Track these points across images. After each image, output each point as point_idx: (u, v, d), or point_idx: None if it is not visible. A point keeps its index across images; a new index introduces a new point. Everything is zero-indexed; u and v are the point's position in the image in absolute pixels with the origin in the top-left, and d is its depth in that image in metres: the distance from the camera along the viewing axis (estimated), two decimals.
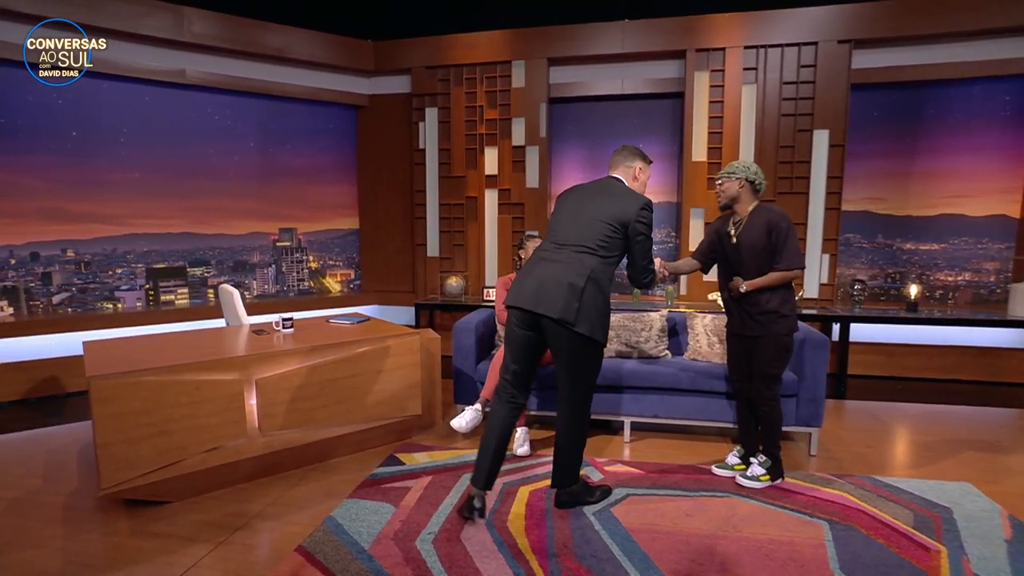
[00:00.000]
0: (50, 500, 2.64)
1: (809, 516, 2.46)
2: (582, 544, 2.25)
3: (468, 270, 5.68)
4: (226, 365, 2.59)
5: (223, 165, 5.21)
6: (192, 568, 2.11)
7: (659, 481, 2.82)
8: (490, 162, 5.57)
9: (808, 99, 4.82)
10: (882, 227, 5.02)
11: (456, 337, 3.48)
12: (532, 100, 5.41)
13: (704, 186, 5.14)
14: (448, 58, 5.51)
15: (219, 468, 2.63)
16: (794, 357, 3.14)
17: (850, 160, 4.92)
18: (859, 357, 4.93)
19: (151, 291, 5.03)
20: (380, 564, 2.11)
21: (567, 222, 2.45)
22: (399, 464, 2.99)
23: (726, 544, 2.25)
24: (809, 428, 3.13)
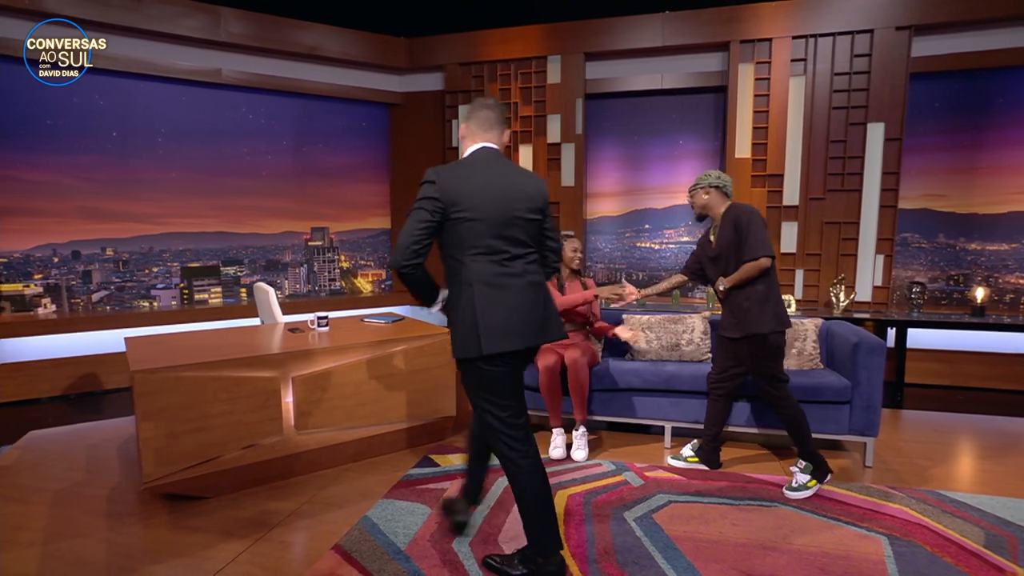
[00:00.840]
0: (93, 493, 2.76)
1: (866, 530, 2.41)
2: (623, 551, 2.25)
3: None
4: (263, 362, 2.67)
5: (257, 164, 5.38)
6: (231, 563, 2.19)
7: (702, 488, 2.79)
8: (524, 160, 5.61)
9: (862, 90, 4.71)
10: (944, 226, 4.86)
11: None
12: (568, 96, 5.43)
13: (748, 184, 5.07)
14: (482, 54, 5.57)
15: (256, 465, 2.71)
16: (848, 361, 3.07)
17: (907, 154, 4.78)
18: (917, 365, 4.78)
19: (185, 290, 5.21)
20: (417, 565, 2.15)
21: (504, 223, 1.91)
22: (433, 465, 3.03)
23: (776, 556, 2.22)
24: (864, 438, 3.05)
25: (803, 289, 5.02)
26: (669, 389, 3.27)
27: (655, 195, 5.63)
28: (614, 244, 5.70)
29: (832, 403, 3.04)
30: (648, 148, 5.58)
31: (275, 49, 5.20)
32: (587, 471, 2.98)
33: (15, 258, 4.50)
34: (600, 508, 2.59)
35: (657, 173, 5.58)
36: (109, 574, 2.13)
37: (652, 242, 5.69)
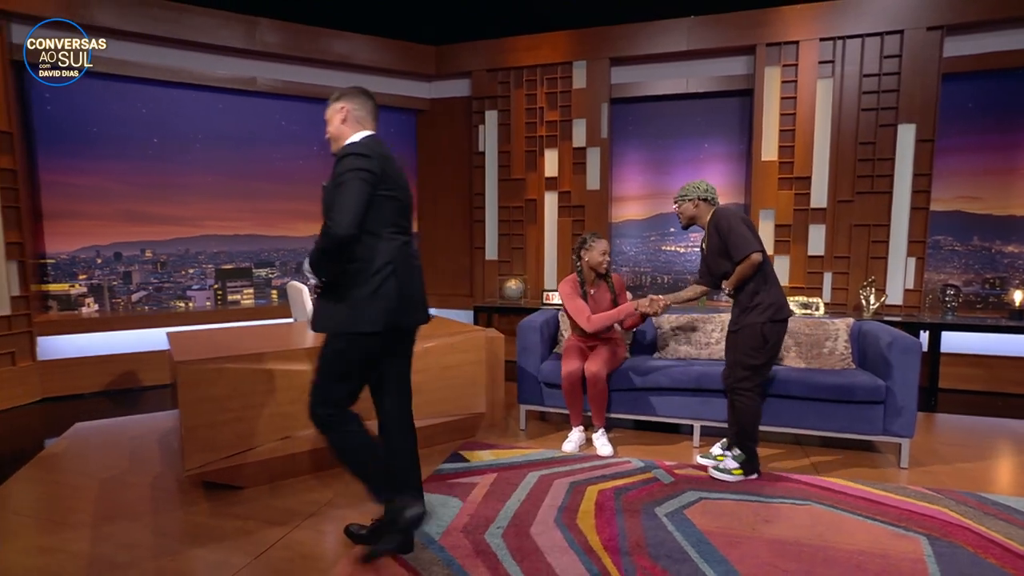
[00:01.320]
0: (136, 481, 2.84)
1: (904, 530, 2.36)
2: (655, 544, 2.24)
3: (527, 273, 5.75)
4: (300, 356, 2.73)
5: (288, 169, 5.50)
6: (270, 548, 2.23)
7: (732, 486, 2.77)
8: (550, 164, 5.64)
9: (892, 92, 4.65)
10: (978, 228, 4.76)
11: (521, 336, 3.54)
12: (593, 101, 5.46)
13: (775, 186, 5.03)
14: (508, 61, 5.63)
15: (291, 457, 2.77)
16: (881, 361, 3.03)
17: (940, 156, 4.70)
18: (952, 369, 4.67)
19: (219, 291, 5.34)
20: (451, 555, 2.17)
21: (408, 206, 2.08)
22: (464, 461, 3.06)
23: (811, 552, 2.19)
24: (899, 439, 3.00)
25: (831, 292, 4.95)
26: (699, 388, 3.25)
27: None
28: (639, 247, 5.69)
29: (865, 403, 2.99)
30: (673, 152, 5.57)
31: (308, 57, 5.33)
32: (616, 468, 2.98)
33: (62, 259, 4.66)
34: (630, 503, 2.58)
35: (682, 176, 5.55)
36: (156, 555, 2.19)
37: (677, 245, 5.66)
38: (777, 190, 5.03)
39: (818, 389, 3.04)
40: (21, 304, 4.27)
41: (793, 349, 3.34)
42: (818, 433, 3.13)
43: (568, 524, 2.40)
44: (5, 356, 4.17)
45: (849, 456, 3.16)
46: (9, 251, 4.19)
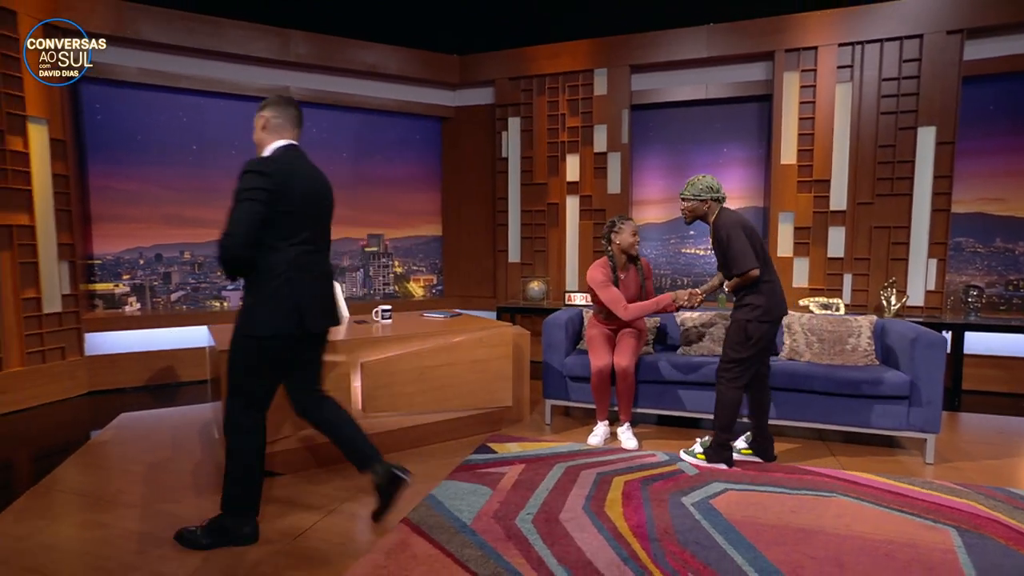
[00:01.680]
0: (179, 467, 2.91)
1: (932, 522, 2.32)
2: (684, 531, 2.23)
3: (548, 275, 5.77)
4: (335, 347, 2.78)
5: None
6: (308, 531, 2.27)
7: (757, 479, 2.74)
8: (571, 169, 5.67)
9: (912, 95, 4.61)
10: (1001, 230, 4.67)
11: (547, 332, 3.56)
12: (614, 107, 5.48)
13: (794, 189, 5.00)
14: (531, 69, 5.69)
15: (327, 445, 2.79)
16: (906, 357, 2.99)
17: (961, 158, 4.63)
18: (974, 371, 4.58)
19: None
20: (483, 538, 2.18)
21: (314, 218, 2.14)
22: (491, 452, 3.07)
23: (839, 541, 2.17)
24: (924, 434, 2.95)
25: (851, 294, 4.89)
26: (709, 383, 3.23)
27: None
28: (660, 250, 5.68)
29: (890, 398, 2.95)
30: (693, 156, 5.56)
31: (338, 67, 5.44)
32: (642, 460, 2.97)
33: (107, 260, 4.79)
34: (657, 493, 2.58)
35: None
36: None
37: (697, 248, 5.64)
38: (796, 193, 5.00)
39: (842, 384, 3.01)
40: (71, 302, 4.40)
41: (816, 346, 3.31)
42: (842, 428, 3.10)
43: (596, 512, 2.40)
44: (55, 351, 4.29)
45: (873, 452, 3.12)
46: (61, 252, 4.32)
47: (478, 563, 2.02)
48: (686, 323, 3.65)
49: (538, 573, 1.96)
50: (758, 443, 2.96)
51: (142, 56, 4.74)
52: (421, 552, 2.09)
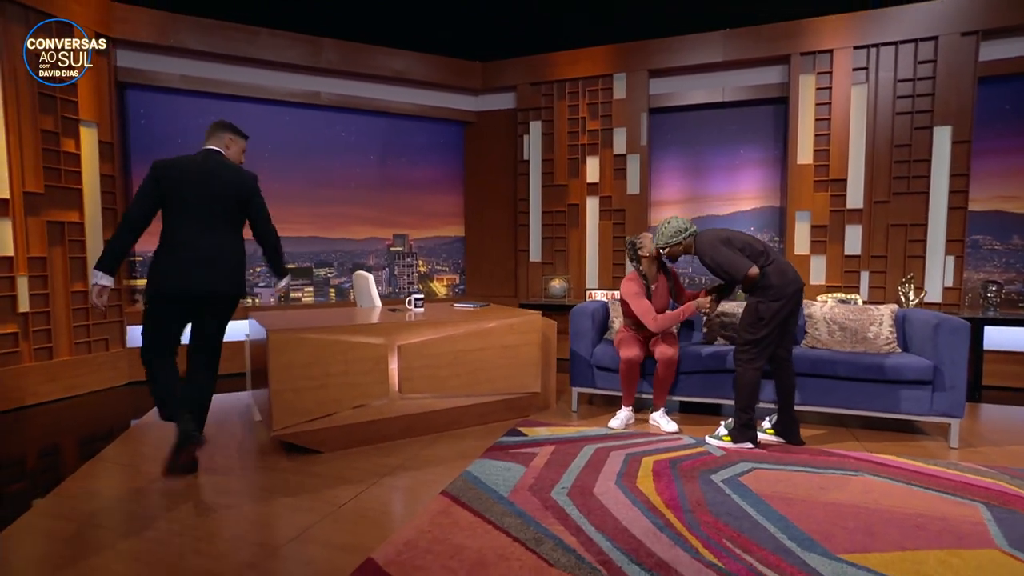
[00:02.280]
0: (223, 444, 3.00)
1: (960, 498, 2.34)
2: (715, 504, 2.27)
3: (569, 274, 5.83)
4: (374, 330, 2.86)
5: (347, 176, 5.72)
6: (351, 500, 2.33)
7: (784, 459, 2.77)
8: (592, 171, 5.74)
9: (927, 95, 4.64)
10: (1018, 227, 4.66)
11: (574, 321, 3.61)
12: (633, 110, 5.56)
13: (811, 189, 5.03)
14: (551, 74, 5.79)
15: (364, 425, 2.88)
16: (928, 344, 3.01)
17: (977, 157, 4.64)
18: (994, 367, 4.55)
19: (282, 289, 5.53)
20: (521, 508, 2.23)
21: (200, 205, 2.60)
22: (522, 435, 3.13)
23: (868, 514, 2.19)
24: (948, 419, 2.96)
25: (869, 291, 4.90)
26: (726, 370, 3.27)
27: (717, 202, 5.64)
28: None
29: (914, 383, 2.97)
30: (710, 158, 5.62)
31: (366, 73, 5.58)
32: (669, 443, 3.01)
33: (148, 257, 4.93)
34: (686, 471, 2.61)
35: (719, 181, 5.60)
36: (251, 500, 2.32)
37: None
38: (813, 192, 5.03)
39: (866, 370, 3.03)
40: (114, 296, 4.53)
41: (838, 334, 3.34)
42: (865, 414, 3.11)
43: (629, 487, 2.44)
44: (99, 342, 4.42)
45: (896, 437, 3.13)
46: None
47: (518, 529, 2.07)
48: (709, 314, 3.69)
49: (577, 539, 2.00)
50: (783, 425, 2.99)
51: (183, 63, 4.91)
52: (463, 519, 2.15)
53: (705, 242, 2.94)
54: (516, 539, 2.00)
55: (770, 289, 2.82)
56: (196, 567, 1.86)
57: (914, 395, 2.97)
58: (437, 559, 1.87)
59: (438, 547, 1.94)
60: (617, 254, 5.71)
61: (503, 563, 1.85)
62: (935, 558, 1.88)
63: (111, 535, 2.07)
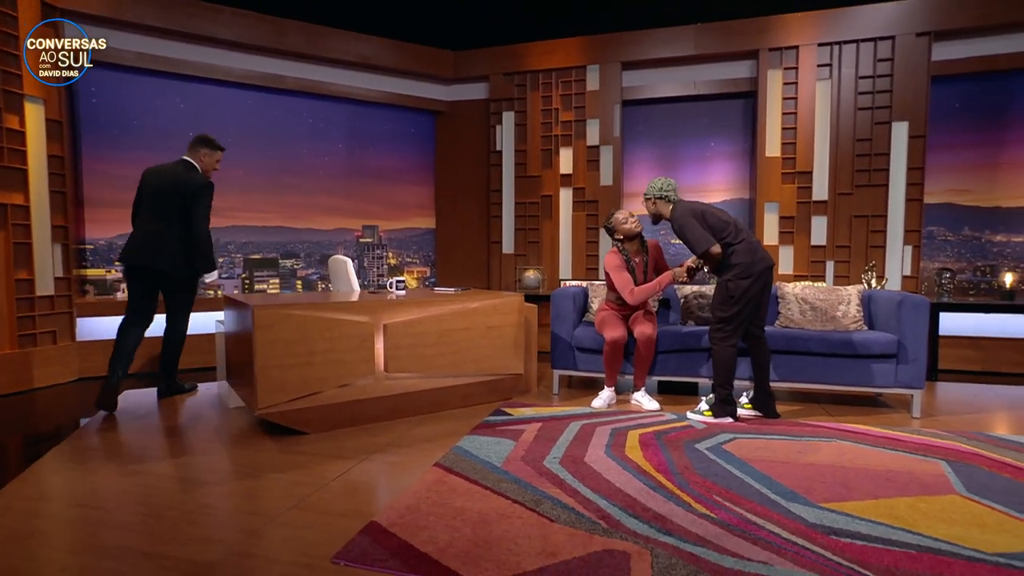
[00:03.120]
0: (200, 428, 3.01)
1: (924, 456, 2.60)
2: (702, 467, 2.45)
3: (543, 265, 5.99)
4: (359, 308, 2.94)
5: (314, 165, 5.73)
6: (343, 475, 2.41)
7: (762, 430, 3.00)
8: (565, 162, 5.93)
9: (886, 92, 5.03)
10: (968, 219, 5.10)
11: (555, 304, 3.77)
12: (606, 102, 5.79)
13: (779, 181, 5.35)
14: (524, 65, 5.96)
15: (349, 404, 2.95)
16: (892, 318, 3.29)
17: (932, 152, 5.06)
18: (950, 351, 4.94)
19: (247, 279, 5.50)
20: (516, 475, 2.36)
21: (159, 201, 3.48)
22: (507, 415, 3.25)
23: (843, 472, 2.41)
24: (911, 390, 3.25)
25: (834, 279, 5.25)
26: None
27: (689, 194, 5.86)
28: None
29: (879, 357, 3.25)
30: (681, 150, 5.90)
31: (332, 58, 5.61)
32: (652, 418, 3.19)
33: (100, 245, 4.82)
34: (672, 442, 2.79)
35: (690, 173, 5.88)
36: (239, 476, 2.37)
37: None
38: (781, 184, 5.35)
39: (836, 345, 3.30)
40: (63, 286, 4.42)
41: (809, 313, 3.60)
42: (835, 388, 3.38)
43: (618, 456, 2.60)
44: (47, 335, 4.30)
45: (864, 411, 3.41)
46: (54, 234, 4.35)
47: (516, 493, 2.19)
48: (687, 297, 3.91)
49: (575, 499, 2.14)
50: (760, 399, 3.22)
51: (140, 40, 4.84)
52: (459, 486, 2.26)
53: (679, 212, 3.17)
54: (515, 501, 2.12)
55: (738, 267, 3.05)
56: (193, 535, 1.91)
57: (880, 369, 3.25)
58: (440, 519, 1.97)
59: (439, 510, 2.05)
60: (591, 245, 5.91)
61: (505, 521, 1.96)
62: (904, 503, 2.11)
63: (98, 512, 2.08)
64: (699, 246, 3.06)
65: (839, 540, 1.83)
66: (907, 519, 1.98)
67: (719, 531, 1.89)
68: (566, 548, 1.78)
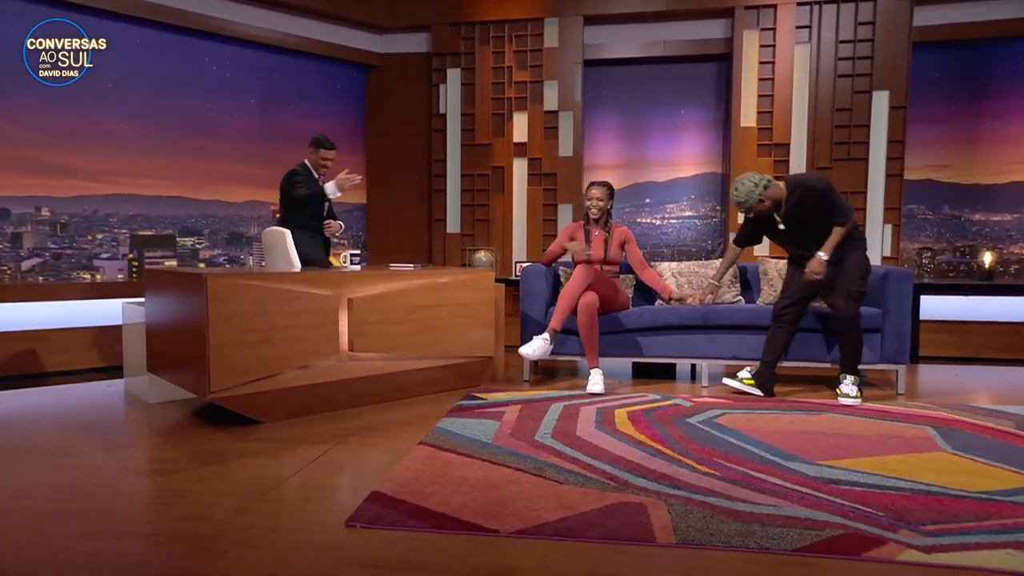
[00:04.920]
0: (127, 423, 3.18)
1: (911, 424, 3.22)
2: (698, 437, 2.94)
3: (493, 246, 6.37)
4: (322, 280, 3.25)
5: (221, 123, 5.82)
6: (322, 456, 2.71)
7: (752, 406, 3.55)
8: (519, 129, 6.36)
9: (866, 59, 5.79)
10: (948, 196, 5.95)
11: (526, 281, 4.18)
12: (566, 61, 6.25)
13: (754, 153, 6.00)
14: (473, 14, 6.33)
15: (310, 389, 3.24)
16: (877, 291, 3.94)
17: (911, 125, 5.85)
18: (930, 336, 5.72)
19: (135, 261, 5.50)
20: (512, 449, 2.75)
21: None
22: (480, 399, 3.64)
23: (836, 437, 2.97)
24: (895, 365, 3.91)
25: None
26: (705, 325, 4.03)
27: (656, 168, 6.50)
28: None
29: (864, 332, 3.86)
30: (649, 118, 6.47)
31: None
32: (636, 399, 3.69)
33: None
34: (661, 417, 3.28)
35: (658, 145, 6.47)
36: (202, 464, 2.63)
37: (653, 217, 6.53)
38: (756, 157, 6.01)
39: (819, 320, 3.90)
40: None
41: None
42: (817, 365, 3.99)
43: (610, 430, 3.05)
44: None
45: None
46: None
47: (516, 463, 2.58)
48: (664, 274, 4.44)
49: (578, 466, 2.55)
50: (763, 376, 3.76)
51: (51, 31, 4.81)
52: (455, 460, 2.61)
53: (811, 178, 3.86)
54: (517, 469, 2.51)
55: (863, 239, 3.72)
56: (176, 515, 2.16)
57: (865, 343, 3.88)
58: (445, 487, 2.33)
59: (441, 479, 2.40)
60: (548, 224, 6.35)
61: (513, 485, 2.35)
62: (895, 460, 2.67)
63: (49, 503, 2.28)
64: (846, 212, 3.64)
65: (839, 487, 2.34)
66: (899, 471, 2.53)
67: (726, 485, 2.36)
68: (582, 503, 2.18)
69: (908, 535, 1.94)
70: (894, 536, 1.93)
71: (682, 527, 1.99)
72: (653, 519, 2.05)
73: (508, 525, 2.00)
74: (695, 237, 6.48)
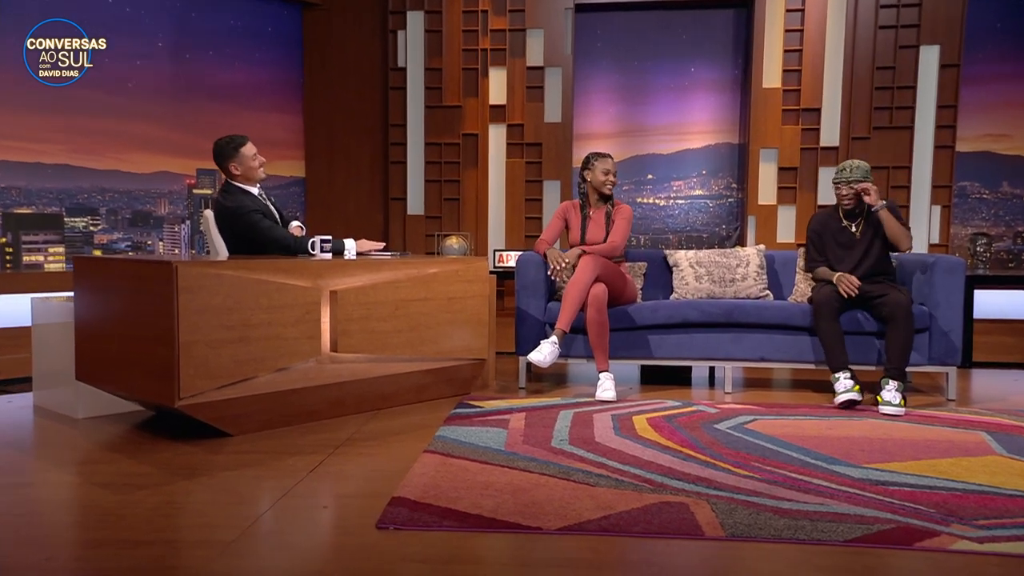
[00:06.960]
0: (65, 440, 3.66)
1: (963, 429, 3.91)
2: (730, 442, 3.57)
3: (464, 230, 6.86)
4: (301, 270, 3.76)
5: (121, 72, 6.15)
6: (319, 466, 3.22)
7: (783, 412, 4.24)
8: (496, 88, 6.89)
9: (913, 6, 6.45)
10: (1008, 172, 6.67)
11: (521, 272, 4.76)
12: (553, 5, 6.77)
13: (778, 121, 6.65)
14: None
15: (286, 395, 3.75)
16: (925, 283, 4.63)
17: (965, 87, 6.53)
18: (983, 338, 6.38)
19: (8, 247, 5.78)
20: (530, 455, 3.32)
21: None
22: (476, 407, 4.22)
23: (880, 442, 3.64)
24: (944, 368, 4.62)
25: None
26: (728, 323, 4.68)
27: (660, 137, 7.08)
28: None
29: None
30: (652, 77, 7.05)
31: None
32: (653, 405, 4.31)
33: None
34: (687, 424, 3.91)
35: (663, 109, 7.05)
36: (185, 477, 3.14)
37: (656, 197, 7.12)
38: (781, 125, 6.66)
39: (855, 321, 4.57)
40: None
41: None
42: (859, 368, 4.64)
43: (632, 436, 3.66)
44: None
45: None
46: None
47: (539, 468, 3.15)
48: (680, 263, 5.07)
49: (606, 470, 3.14)
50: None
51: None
52: (471, 467, 3.17)
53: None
54: (542, 474, 3.08)
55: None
56: (179, 524, 2.67)
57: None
58: (471, 491, 2.88)
59: (464, 484, 2.95)
60: (532, 205, 6.88)
61: (543, 488, 2.92)
62: (946, 463, 3.34)
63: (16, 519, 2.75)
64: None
65: (887, 488, 2.98)
66: (950, 473, 3.19)
67: (768, 486, 2.97)
68: (620, 503, 2.76)
69: (960, 528, 2.56)
70: (946, 529, 2.54)
71: (729, 523, 2.58)
72: (698, 516, 2.64)
73: (550, 523, 2.56)
74: (706, 221, 7.05)
